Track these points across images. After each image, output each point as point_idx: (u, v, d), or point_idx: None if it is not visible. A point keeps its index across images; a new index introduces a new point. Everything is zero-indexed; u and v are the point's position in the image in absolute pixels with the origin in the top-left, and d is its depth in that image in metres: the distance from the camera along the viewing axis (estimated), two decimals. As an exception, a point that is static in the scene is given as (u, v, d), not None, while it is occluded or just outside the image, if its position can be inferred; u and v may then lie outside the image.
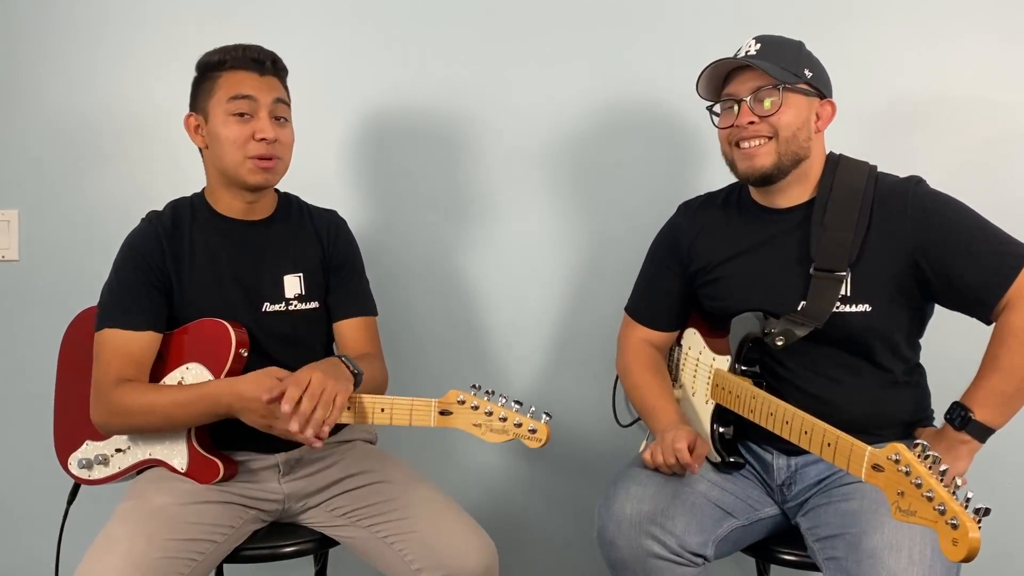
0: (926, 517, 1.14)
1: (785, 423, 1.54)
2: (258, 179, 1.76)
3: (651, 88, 2.23)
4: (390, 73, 2.27)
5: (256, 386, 1.61)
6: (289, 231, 1.86)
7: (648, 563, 1.63)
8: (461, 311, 2.32)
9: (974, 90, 2.13)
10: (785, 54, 1.72)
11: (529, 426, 1.58)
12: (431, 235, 2.30)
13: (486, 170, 2.29)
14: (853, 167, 1.73)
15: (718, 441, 1.79)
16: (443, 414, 1.62)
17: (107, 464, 1.80)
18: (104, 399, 1.69)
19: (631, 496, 1.66)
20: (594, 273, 2.30)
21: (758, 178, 1.73)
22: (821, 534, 1.60)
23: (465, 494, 2.28)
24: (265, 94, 1.75)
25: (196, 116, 1.79)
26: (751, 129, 1.70)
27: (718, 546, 1.68)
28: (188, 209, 1.83)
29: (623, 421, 2.24)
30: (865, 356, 1.69)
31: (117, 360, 1.69)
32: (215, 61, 1.76)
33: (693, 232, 1.88)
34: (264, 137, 1.73)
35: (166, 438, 1.74)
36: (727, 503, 1.71)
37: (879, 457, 1.27)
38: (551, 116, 2.26)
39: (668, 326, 1.95)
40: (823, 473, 1.71)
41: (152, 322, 1.73)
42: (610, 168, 2.27)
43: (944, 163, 2.11)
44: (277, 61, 1.80)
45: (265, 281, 1.81)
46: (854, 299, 1.65)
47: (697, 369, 1.88)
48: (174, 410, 1.67)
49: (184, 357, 1.74)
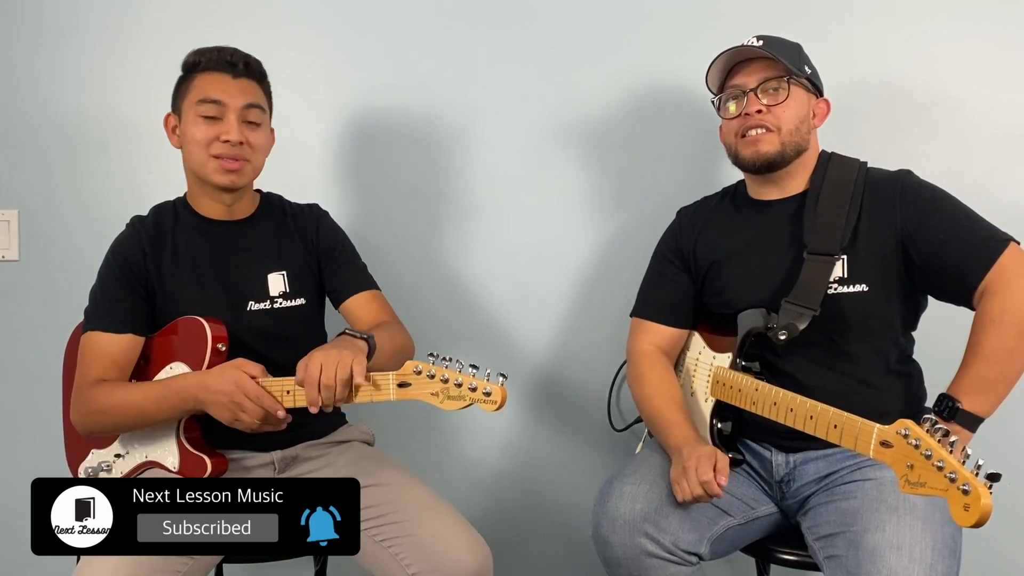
0: (936, 486, 1.16)
1: (789, 411, 1.56)
2: (223, 180, 1.78)
3: (648, 88, 2.26)
4: (383, 72, 2.29)
5: (221, 379, 1.62)
6: (271, 230, 1.88)
7: (642, 561, 1.64)
8: (448, 310, 2.33)
9: (973, 89, 2.16)
10: (789, 51, 1.79)
11: (484, 389, 1.53)
12: (424, 236, 2.32)
13: (481, 171, 2.31)
14: (845, 162, 1.78)
15: (716, 437, 1.80)
16: (401, 387, 1.58)
17: (110, 471, 1.81)
18: (82, 399, 1.72)
19: (625, 495, 1.67)
20: (593, 278, 2.31)
21: (763, 163, 1.77)
22: (821, 532, 1.61)
23: (462, 494, 2.28)
24: (235, 98, 1.77)
25: (173, 116, 1.82)
26: (758, 118, 1.75)
27: (713, 545, 1.69)
28: (171, 213, 1.85)
29: (617, 425, 2.25)
30: (862, 340, 1.71)
31: (97, 362, 1.73)
32: (191, 62, 1.79)
33: (694, 232, 1.91)
34: (228, 139, 1.75)
35: (158, 439, 1.75)
36: (723, 502, 1.72)
37: (888, 433, 1.29)
38: (550, 113, 2.28)
39: (677, 322, 1.93)
40: (822, 471, 1.72)
41: (133, 326, 1.75)
42: (610, 168, 2.29)
43: (943, 163, 2.13)
44: (252, 63, 1.81)
45: (248, 280, 1.82)
46: (851, 280, 1.69)
47: (697, 368, 1.89)
48: (146, 404, 1.68)
49: (167, 357, 1.76)
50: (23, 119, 2.29)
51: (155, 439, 1.76)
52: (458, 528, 1.69)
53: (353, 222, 2.22)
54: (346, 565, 2.18)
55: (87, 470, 1.82)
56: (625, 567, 1.65)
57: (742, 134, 1.78)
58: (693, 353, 1.92)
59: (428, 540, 1.65)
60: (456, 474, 2.36)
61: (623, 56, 2.26)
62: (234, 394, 1.61)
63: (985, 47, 2.16)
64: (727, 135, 1.83)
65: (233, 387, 1.61)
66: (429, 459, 2.33)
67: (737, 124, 1.79)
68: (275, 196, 1.95)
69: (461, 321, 2.33)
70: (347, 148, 2.31)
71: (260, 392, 1.61)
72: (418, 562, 1.65)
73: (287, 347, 1.81)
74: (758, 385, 1.67)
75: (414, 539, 1.66)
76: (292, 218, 1.92)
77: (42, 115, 2.29)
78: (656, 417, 1.83)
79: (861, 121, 2.16)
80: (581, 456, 2.35)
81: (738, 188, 1.91)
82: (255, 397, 1.60)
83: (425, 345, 2.26)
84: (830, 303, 1.68)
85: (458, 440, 2.36)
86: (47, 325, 2.03)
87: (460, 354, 2.27)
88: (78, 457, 1.85)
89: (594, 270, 2.31)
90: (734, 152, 1.82)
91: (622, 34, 2.25)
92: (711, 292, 1.88)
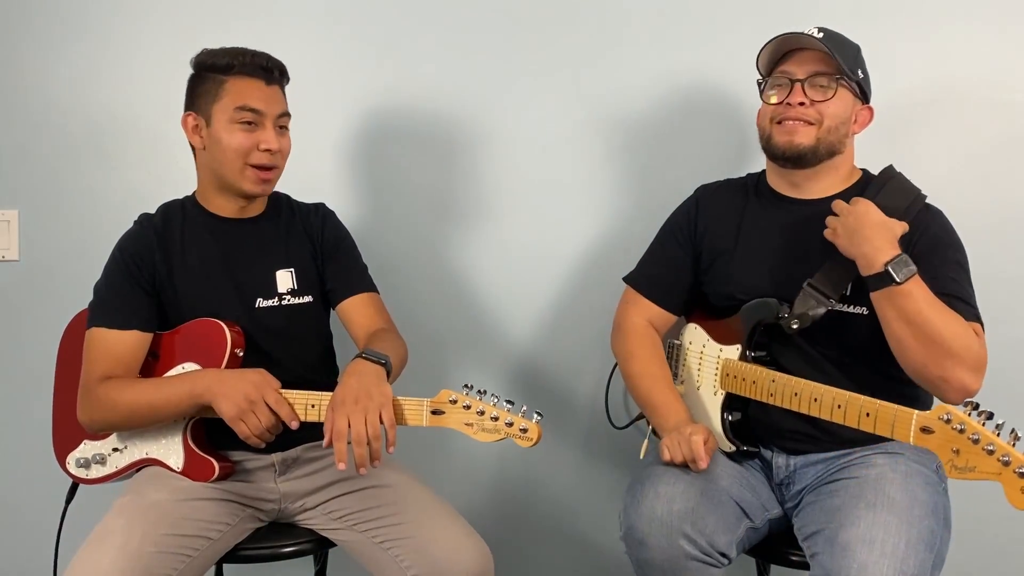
0: (988, 470, 1.16)
1: (814, 400, 1.56)
2: (256, 189, 1.78)
3: (650, 84, 2.26)
4: (388, 72, 2.27)
5: (243, 378, 1.64)
6: (280, 228, 1.87)
7: (681, 563, 1.61)
8: (455, 310, 2.32)
9: (975, 90, 2.17)
10: (847, 50, 1.75)
11: (520, 425, 1.59)
12: (420, 231, 2.31)
13: (488, 171, 2.30)
14: (907, 185, 1.75)
15: (730, 430, 1.79)
16: (435, 413, 1.63)
17: (104, 463, 1.80)
18: (89, 397, 1.70)
19: (661, 495, 1.63)
20: (594, 276, 2.30)
21: (794, 154, 1.73)
22: (807, 532, 1.62)
23: (463, 495, 2.28)
24: (272, 106, 1.75)
25: (196, 117, 1.78)
26: (799, 110, 1.71)
27: (738, 546, 1.68)
28: (179, 210, 1.84)
29: (618, 423, 2.23)
30: (862, 360, 1.71)
31: (103, 359, 1.71)
32: (222, 64, 1.74)
33: (707, 214, 1.89)
34: (268, 148, 1.74)
35: (162, 437, 1.74)
36: (746, 503, 1.71)
37: (929, 419, 1.29)
38: (555, 114, 2.28)
39: (671, 305, 1.91)
40: (821, 474, 1.72)
41: (139, 323, 1.73)
42: (608, 170, 2.29)
43: (943, 163, 2.16)
44: (284, 71, 1.81)
45: (257, 276, 1.81)
46: (852, 300, 1.68)
47: (702, 361, 1.87)
48: (156, 398, 1.67)
49: (180, 356, 1.75)
50: (24, 119, 2.25)
51: (158, 437, 1.75)
52: (458, 530, 1.69)
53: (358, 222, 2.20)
54: (346, 565, 2.17)
55: (78, 460, 1.80)
56: (660, 568, 1.62)
57: (779, 121, 1.74)
58: (696, 346, 1.89)
59: (428, 543, 1.65)
60: (457, 473, 2.35)
61: (643, 55, 2.25)
62: (252, 394, 1.62)
63: (985, 47, 2.17)
64: (763, 118, 1.79)
65: (253, 388, 1.62)
66: (429, 458, 2.30)
67: (777, 111, 1.75)
68: (283, 195, 1.94)
69: (462, 319, 2.32)
70: (352, 148, 2.29)
71: (280, 400, 1.64)
72: (417, 564, 1.64)
73: (294, 344, 1.82)
74: (775, 376, 1.66)
75: (414, 541, 1.66)
76: (300, 217, 1.91)
77: (42, 115, 2.25)
78: (647, 397, 1.83)
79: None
80: (582, 454, 2.34)
81: (761, 178, 1.88)
82: (273, 403, 1.63)
83: (428, 343, 2.29)
84: (835, 319, 1.67)
85: (458, 440, 2.32)
86: (47, 325, 1.99)
87: (463, 352, 2.35)
88: (67, 447, 1.83)
89: (595, 268, 2.30)
90: (767, 136, 1.77)
91: (639, 32, 2.25)
92: (717, 280, 1.85)
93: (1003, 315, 1.71)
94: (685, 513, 1.61)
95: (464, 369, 2.32)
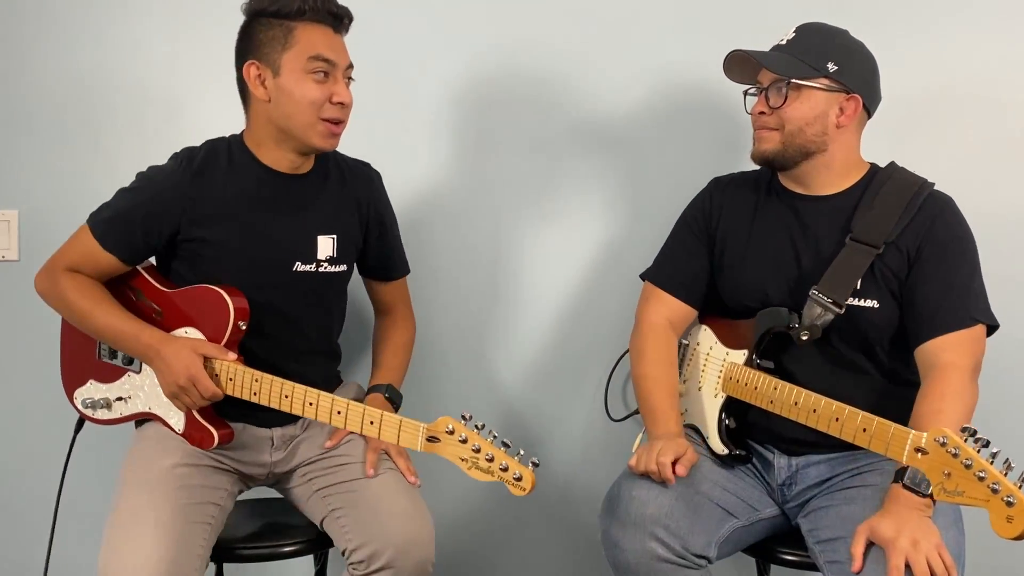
0: (976, 496, 1.17)
1: (812, 411, 1.56)
2: (326, 144, 1.71)
3: (649, 84, 2.25)
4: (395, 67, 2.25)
5: (177, 360, 1.63)
6: (330, 191, 1.81)
7: (652, 566, 1.62)
8: (455, 310, 2.32)
9: (975, 89, 2.16)
10: (812, 46, 1.73)
11: (515, 472, 1.52)
12: (420, 231, 2.28)
13: (486, 170, 2.30)
14: (909, 177, 1.76)
15: (724, 433, 1.79)
16: (431, 440, 1.58)
17: (110, 408, 1.82)
18: (53, 277, 1.75)
19: (635, 499, 1.66)
20: (594, 275, 2.30)
21: (760, 161, 1.78)
22: (822, 536, 1.61)
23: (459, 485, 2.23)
24: (342, 57, 1.70)
25: (260, 66, 1.68)
26: (762, 119, 1.75)
27: (720, 547, 1.69)
28: (225, 154, 1.76)
29: (616, 415, 2.24)
30: (869, 355, 1.72)
31: (76, 254, 1.74)
32: (291, 9, 1.64)
33: (720, 209, 1.88)
34: (341, 101, 1.68)
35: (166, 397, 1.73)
36: (729, 503, 1.72)
37: (924, 440, 1.29)
38: (558, 112, 2.27)
39: (691, 298, 1.89)
40: (824, 474, 1.73)
41: (124, 253, 1.73)
42: (621, 167, 2.28)
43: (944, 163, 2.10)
44: (352, 18, 1.73)
45: (298, 238, 1.77)
46: (863, 294, 1.68)
47: (707, 363, 1.88)
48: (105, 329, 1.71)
49: (185, 319, 1.73)
50: (24, 119, 2.25)
51: (162, 395, 1.72)
52: (405, 507, 1.69)
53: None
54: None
55: (85, 400, 1.83)
56: (634, 571, 1.64)
57: (755, 129, 1.78)
58: (704, 348, 1.90)
59: (369, 514, 1.67)
60: (454, 471, 2.33)
61: (638, 54, 2.24)
62: (182, 381, 1.63)
63: (986, 47, 2.16)
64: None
65: (185, 377, 1.63)
66: (427, 459, 2.28)
67: (752, 120, 1.79)
68: (328, 152, 1.82)
69: (463, 316, 2.32)
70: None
71: (208, 386, 1.64)
72: (358, 535, 1.67)
73: (319, 311, 1.82)
74: (777, 384, 1.66)
75: (358, 512, 1.69)
76: (349, 179, 1.85)
77: (43, 115, 2.25)
78: (646, 399, 1.83)
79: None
80: (581, 452, 2.34)
81: (773, 174, 1.86)
82: (209, 396, 1.65)
83: (430, 337, 2.27)
84: (846, 314, 1.67)
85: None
86: (47, 325, 2.00)
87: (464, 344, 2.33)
88: (74, 383, 1.86)
89: (596, 268, 2.30)
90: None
91: (637, 31, 2.24)
92: (728, 280, 1.85)
93: (1003, 315, 1.70)
94: (658, 516, 1.63)
95: (465, 369, 2.32)
